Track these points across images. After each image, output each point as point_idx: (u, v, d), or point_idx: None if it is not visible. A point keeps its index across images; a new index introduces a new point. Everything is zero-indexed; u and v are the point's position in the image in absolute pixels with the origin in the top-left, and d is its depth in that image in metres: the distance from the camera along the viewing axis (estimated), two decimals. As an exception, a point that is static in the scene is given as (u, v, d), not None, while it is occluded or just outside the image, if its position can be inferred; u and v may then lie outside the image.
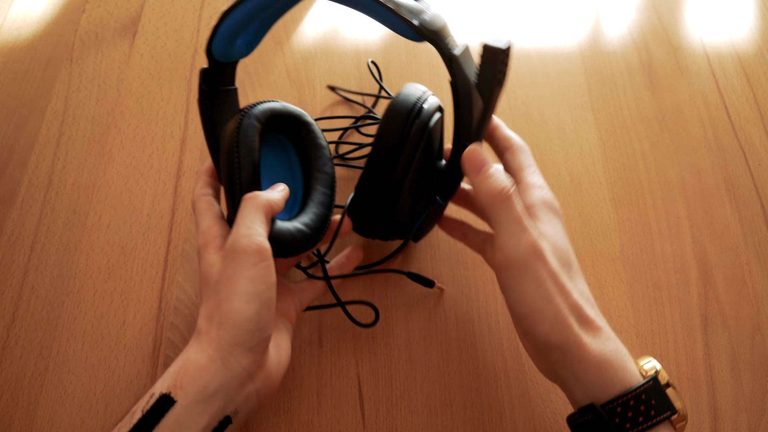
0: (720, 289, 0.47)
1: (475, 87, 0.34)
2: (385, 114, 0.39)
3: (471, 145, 0.35)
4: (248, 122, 0.37)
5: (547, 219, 0.35)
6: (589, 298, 0.34)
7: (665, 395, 0.31)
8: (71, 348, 0.43)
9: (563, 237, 0.35)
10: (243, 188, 0.35)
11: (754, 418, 0.42)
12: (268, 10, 0.37)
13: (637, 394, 0.30)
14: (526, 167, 0.38)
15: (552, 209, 0.36)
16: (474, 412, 0.42)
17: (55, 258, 0.47)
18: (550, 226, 0.34)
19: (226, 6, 0.36)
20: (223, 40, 0.37)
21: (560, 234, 0.35)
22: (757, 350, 0.44)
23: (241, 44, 0.39)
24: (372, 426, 0.41)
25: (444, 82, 0.57)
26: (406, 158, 0.38)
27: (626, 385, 0.31)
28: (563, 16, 0.63)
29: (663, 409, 0.30)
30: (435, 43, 0.32)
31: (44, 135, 0.53)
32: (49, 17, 0.61)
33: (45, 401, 0.41)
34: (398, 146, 0.38)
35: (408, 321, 0.45)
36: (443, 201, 0.39)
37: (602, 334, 0.32)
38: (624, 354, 0.32)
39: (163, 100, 0.56)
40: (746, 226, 0.50)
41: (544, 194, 0.36)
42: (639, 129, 0.55)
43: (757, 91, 0.58)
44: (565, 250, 0.34)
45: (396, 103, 0.39)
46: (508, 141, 0.39)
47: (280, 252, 0.36)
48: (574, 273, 0.34)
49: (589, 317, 0.32)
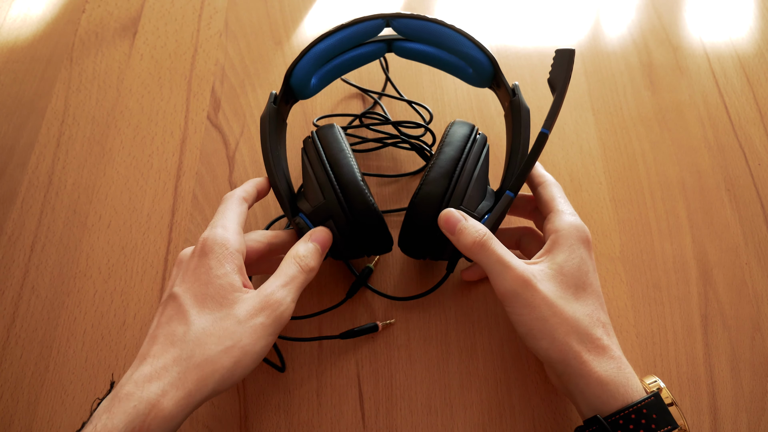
0: (720, 289, 0.47)
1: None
2: (453, 124, 0.43)
3: (443, 211, 0.38)
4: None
5: (566, 245, 0.37)
6: (598, 318, 0.35)
7: (667, 411, 0.32)
8: (71, 348, 0.43)
9: (579, 261, 0.37)
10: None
11: (754, 418, 0.42)
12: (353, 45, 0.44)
13: (639, 408, 0.32)
14: (557, 198, 0.41)
15: (575, 235, 0.38)
16: (474, 412, 0.42)
17: (55, 258, 0.47)
18: (566, 252, 0.37)
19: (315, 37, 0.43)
20: (306, 68, 0.42)
21: (575, 259, 0.37)
22: (757, 350, 0.45)
23: (314, 82, 0.45)
24: (372, 426, 0.41)
25: (439, 84, 0.57)
26: (472, 158, 0.41)
27: (628, 400, 0.32)
28: (563, 16, 0.63)
29: (663, 424, 0.32)
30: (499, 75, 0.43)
31: (44, 135, 0.53)
32: (49, 17, 0.61)
33: (45, 401, 0.41)
34: (465, 146, 0.41)
35: (408, 321, 0.45)
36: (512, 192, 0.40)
37: (606, 353, 0.34)
38: (627, 372, 0.34)
39: (163, 100, 0.56)
40: (746, 226, 0.50)
41: (572, 221, 0.39)
42: (639, 129, 0.55)
43: (757, 91, 0.58)
44: (577, 273, 0.36)
45: (458, 124, 0.43)
46: (541, 177, 0.43)
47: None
48: (586, 294, 0.36)
49: (593, 336, 0.34)
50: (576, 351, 0.33)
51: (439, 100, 0.56)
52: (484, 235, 0.37)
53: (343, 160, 0.40)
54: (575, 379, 0.34)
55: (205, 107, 0.55)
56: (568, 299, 0.35)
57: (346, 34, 0.43)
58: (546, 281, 0.35)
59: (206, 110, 0.55)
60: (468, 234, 0.37)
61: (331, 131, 0.43)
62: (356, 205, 0.39)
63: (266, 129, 0.41)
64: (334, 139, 0.42)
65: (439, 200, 0.39)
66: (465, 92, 0.57)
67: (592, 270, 0.38)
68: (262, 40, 0.60)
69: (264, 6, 0.62)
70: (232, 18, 0.61)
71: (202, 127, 0.54)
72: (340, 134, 0.42)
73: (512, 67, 0.59)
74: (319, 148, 0.41)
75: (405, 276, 0.47)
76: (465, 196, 0.39)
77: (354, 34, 0.43)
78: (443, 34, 0.43)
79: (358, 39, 0.44)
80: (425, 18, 0.43)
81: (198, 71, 0.57)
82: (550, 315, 0.34)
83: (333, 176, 0.39)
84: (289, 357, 0.43)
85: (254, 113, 0.55)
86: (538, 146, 0.39)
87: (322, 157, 0.41)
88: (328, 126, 0.43)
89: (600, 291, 0.37)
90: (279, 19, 0.61)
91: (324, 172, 0.40)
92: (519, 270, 0.35)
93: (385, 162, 0.53)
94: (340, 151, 0.41)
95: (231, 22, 0.61)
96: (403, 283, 0.47)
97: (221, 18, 0.61)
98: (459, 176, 0.40)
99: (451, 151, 0.41)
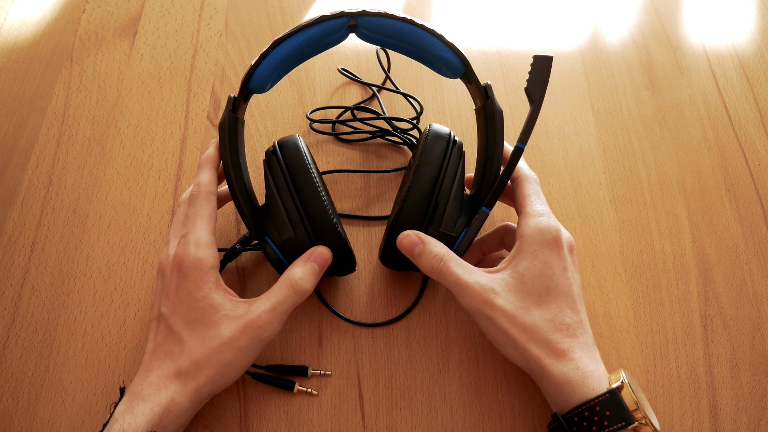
0: (720, 289, 0.47)
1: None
2: (428, 135, 0.42)
3: (401, 234, 0.39)
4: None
5: (529, 251, 0.38)
6: (561, 321, 0.36)
7: (623, 408, 0.34)
8: (71, 348, 0.43)
9: (542, 266, 0.37)
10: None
11: (754, 418, 0.42)
12: (313, 47, 0.41)
13: (592, 405, 0.34)
14: (528, 196, 0.41)
15: (539, 239, 0.38)
16: (474, 412, 0.42)
17: (56, 258, 0.47)
18: (527, 259, 0.38)
19: (279, 35, 0.39)
20: (265, 73, 0.40)
21: (537, 265, 0.37)
22: (757, 350, 0.45)
23: (273, 81, 0.42)
24: (372, 426, 0.41)
25: (428, 84, 0.57)
26: (449, 177, 0.41)
27: (584, 397, 0.34)
28: (563, 16, 0.63)
29: (616, 420, 0.33)
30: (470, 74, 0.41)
31: (44, 135, 0.53)
32: (49, 17, 0.61)
33: (45, 401, 0.41)
34: (442, 165, 0.41)
35: (408, 321, 0.45)
36: (487, 209, 0.40)
37: (565, 356, 0.35)
38: (586, 371, 0.35)
39: (163, 100, 0.56)
40: (746, 226, 0.50)
41: (537, 223, 0.39)
42: (639, 129, 0.55)
43: (757, 91, 0.58)
44: (539, 280, 0.37)
45: (436, 128, 0.43)
46: (516, 172, 0.42)
47: None
48: (550, 299, 0.37)
49: (551, 341, 0.36)
50: (536, 356, 0.36)
51: (439, 99, 0.56)
52: (441, 261, 0.38)
53: (313, 195, 0.40)
54: (540, 380, 0.37)
55: (205, 107, 0.55)
56: (528, 308, 0.37)
57: (308, 36, 0.40)
58: (505, 293, 0.37)
59: (206, 110, 0.55)
60: (425, 259, 0.38)
61: (296, 154, 0.41)
62: (329, 245, 0.40)
63: (226, 140, 0.40)
64: (301, 167, 0.41)
65: (418, 227, 0.40)
66: (464, 91, 0.57)
67: (560, 271, 0.37)
68: (262, 40, 0.60)
69: (264, 6, 0.62)
70: (232, 18, 0.61)
71: (202, 127, 0.54)
72: (306, 157, 0.41)
73: (513, 67, 0.59)
74: (286, 176, 0.40)
75: (385, 288, 0.47)
76: (443, 219, 0.40)
77: (316, 35, 0.40)
78: (412, 34, 0.40)
79: (321, 39, 0.41)
80: (393, 16, 0.40)
81: (198, 71, 0.57)
82: (510, 326, 0.36)
83: (304, 214, 0.40)
84: (290, 357, 0.43)
85: (254, 113, 0.55)
86: (513, 161, 0.39)
87: (291, 190, 0.40)
88: (292, 146, 0.42)
89: (570, 289, 0.37)
90: (279, 19, 0.62)
91: (294, 206, 0.40)
92: (476, 289, 0.37)
93: (371, 154, 0.53)
94: (309, 184, 0.40)
95: (231, 22, 0.61)
96: (384, 294, 0.47)
97: (221, 18, 0.61)
98: (437, 198, 0.40)
99: (428, 172, 0.41)
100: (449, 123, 0.55)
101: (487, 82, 0.41)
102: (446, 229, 0.40)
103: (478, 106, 0.43)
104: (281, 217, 0.40)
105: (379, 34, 0.41)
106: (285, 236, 0.40)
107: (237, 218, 0.49)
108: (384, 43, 0.42)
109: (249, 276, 0.46)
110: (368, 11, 0.40)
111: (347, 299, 0.46)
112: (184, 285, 0.37)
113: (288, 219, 0.40)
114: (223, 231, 0.49)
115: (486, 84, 0.41)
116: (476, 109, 0.43)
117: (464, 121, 0.55)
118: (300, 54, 0.41)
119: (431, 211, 0.40)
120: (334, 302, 0.46)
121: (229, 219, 0.49)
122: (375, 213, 0.50)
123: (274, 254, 0.40)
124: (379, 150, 0.53)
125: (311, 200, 0.40)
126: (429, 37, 0.40)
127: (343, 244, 0.40)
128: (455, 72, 0.42)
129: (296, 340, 0.44)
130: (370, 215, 0.49)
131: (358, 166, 0.52)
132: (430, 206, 0.40)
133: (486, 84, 0.41)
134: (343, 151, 0.53)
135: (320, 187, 0.40)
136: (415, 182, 0.40)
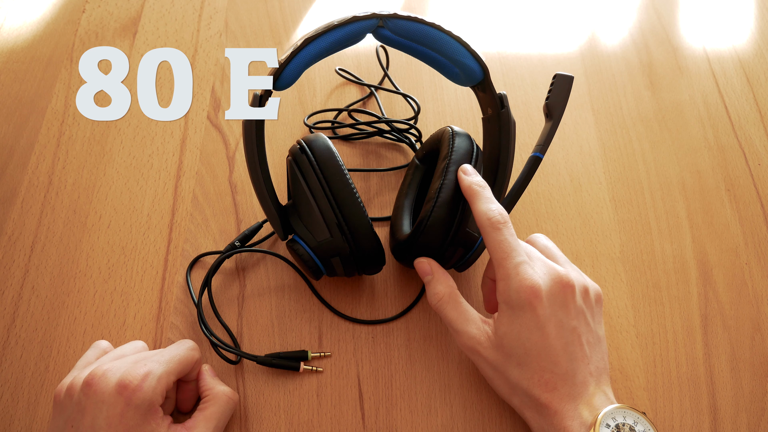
0: (720, 289, 0.47)
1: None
2: (456, 135, 0.43)
3: (417, 259, 0.41)
4: None
5: (506, 317, 0.37)
6: (540, 378, 0.36)
7: None
8: (71, 348, 0.43)
9: (518, 330, 0.37)
10: None
11: (754, 418, 0.42)
12: (338, 46, 0.41)
13: None
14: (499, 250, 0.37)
15: (515, 302, 0.36)
16: (474, 412, 0.42)
17: (56, 258, 0.47)
18: (506, 325, 0.37)
19: (310, 34, 0.39)
20: (297, 67, 0.40)
21: (514, 331, 0.37)
22: (757, 350, 0.45)
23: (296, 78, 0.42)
24: (372, 426, 0.41)
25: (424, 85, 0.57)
26: None
27: None
28: (563, 16, 0.63)
29: None
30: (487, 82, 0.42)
31: (44, 135, 0.53)
32: (49, 17, 0.61)
33: (45, 401, 0.41)
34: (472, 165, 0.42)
35: (408, 320, 0.45)
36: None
37: (545, 410, 0.36)
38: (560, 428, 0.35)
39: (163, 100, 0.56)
40: (746, 226, 0.50)
41: (510, 285, 0.37)
42: (639, 129, 0.55)
43: (757, 91, 0.58)
44: (516, 344, 0.37)
45: (459, 130, 0.44)
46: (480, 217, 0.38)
47: None
48: (530, 360, 0.37)
49: (532, 395, 0.37)
50: (518, 407, 0.38)
51: (438, 100, 0.56)
52: (439, 301, 0.40)
53: (350, 197, 0.40)
54: (528, 423, 0.38)
55: (205, 107, 0.55)
56: (508, 368, 0.37)
57: (338, 35, 0.40)
58: (490, 349, 0.38)
59: (206, 110, 0.55)
60: (428, 292, 0.40)
61: (328, 153, 0.41)
62: (365, 248, 0.40)
63: (253, 138, 0.39)
64: (335, 168, 0.40)
65: (449, 225, 0.40)
66: (465, 91, 0.57)
67: (537, 331, 0.36)
68: (262, 40, 0.60)
69: (264, 6, 0.62)
70: (232, 18, 0.61)
71: (202, 127, 0.54)
72: (339, 158, 0.41)
73: (512, 67, 0.59)
74: (319, 176, 0.40)
75: (398, 282, 0.47)
76: (471, 218, 0.41)
77: (346, 35, 0.41)
78: (439, 39, 0.41)
79: (349, 39, 0.41)
80: (423, 21, 0.41)
81: (198, 71, 0.57)
82: (495, 376, 0.38)
83: (341, 216, 0.40)
84: (289, 357, 0.43)
85: (254, 113, 0.55)
86: (531, 171, 0.40)
87: (327, 191, 0.40)
88: (323, 145, 0.42)
89: (548, 345, 0.36)
90: (279, 19, 0.62)
91: (330, 208, 0.40)
92: (464, 339, 0.39)
93: (367, 153, 0.53)
94: (346, 186, 0.40)
95: (231, 22, 0.61)
96: (399, 286, 0.47)
97: (221, 18, 0.61)
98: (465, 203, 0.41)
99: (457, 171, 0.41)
100: (449, 123, 0.55)
101: (502, 91, 0.42)
102: (472, 228, 0.41)
103: (489, 114, 0.43)
104: (315, 218, 0.40)
105: (404, 37, 0.41)
106: (320, 237, 0.40)
107: (237, 217, 0.49)
108: (403, 46, 0.42)
109: (249, 276, 0.47)
110: (400, 14, 0.40)
111: (347, 299, 0.46)
112: (132, 415, 0.34)
113: (324, 220, 0.40)
114: (223, 230, 0.49)
115: (501, 93, 0.42)
116: (487, 117, 0.44)
117: (464, 121, 0.55)
118: (325, 52, 0.41)
119: (461, 209, 0.41)
120: (334, 302, 0.46)
121: (229, 218, 0.49)
122: (374, 211, 0.50)
123: (308, 255, 0.40)
124: (378, 149, 0.53)
125: (348, 203, 0.40)
126: (454, 43, 0.41)
127: (378, 246, 0.41)
128: (473, 79, 0.42)
129: (296, 340, 0.44)
130: (371, 216, 0.49)
131: (357, 165, 0.52)
132: (461, 204, 0.41)
133: (501, 93, 0.42)
134: (342, 151, 0.53)
135: (356, 190, 0.41)
136: (446, 179, 0.41)
